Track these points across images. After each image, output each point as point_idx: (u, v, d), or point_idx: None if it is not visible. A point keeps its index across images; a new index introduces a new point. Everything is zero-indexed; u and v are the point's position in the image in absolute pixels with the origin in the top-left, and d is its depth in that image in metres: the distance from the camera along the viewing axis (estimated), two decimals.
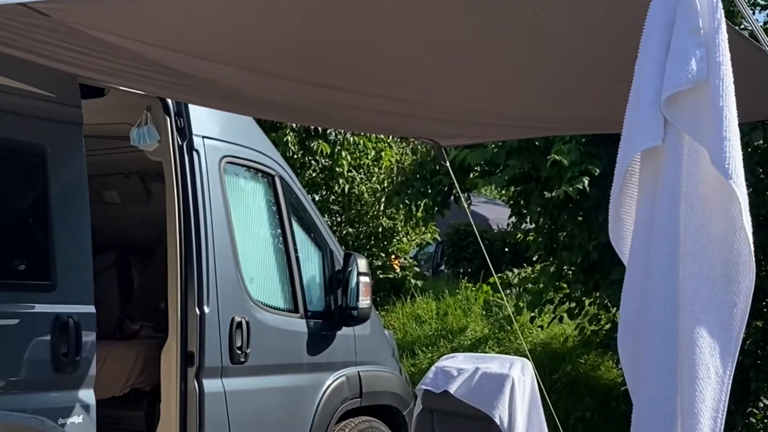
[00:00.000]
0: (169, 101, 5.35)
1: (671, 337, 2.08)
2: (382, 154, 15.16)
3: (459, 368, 5.22)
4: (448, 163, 5.39)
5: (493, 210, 21.13)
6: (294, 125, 13.91)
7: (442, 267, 19.85)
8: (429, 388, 5.24)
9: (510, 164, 8.87)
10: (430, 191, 10.60)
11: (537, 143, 8.70)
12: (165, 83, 3.97)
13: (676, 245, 2.09)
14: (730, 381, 2.12)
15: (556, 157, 8.05)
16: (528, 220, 10.19)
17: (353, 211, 15.24)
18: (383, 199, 14.80)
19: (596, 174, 8.48)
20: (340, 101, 3.96)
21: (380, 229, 15.56)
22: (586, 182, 8.34)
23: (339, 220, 15.42)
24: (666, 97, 2.10)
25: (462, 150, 9.44)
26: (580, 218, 9.37)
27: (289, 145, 13.47)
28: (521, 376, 5.10)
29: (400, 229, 15.78)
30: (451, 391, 5.12)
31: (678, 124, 2.10)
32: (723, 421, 2.11)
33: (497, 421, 4.96)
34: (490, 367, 5.18)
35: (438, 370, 5.29)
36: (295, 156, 13.70)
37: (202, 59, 3.46)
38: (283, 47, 3.42)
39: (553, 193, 9.01)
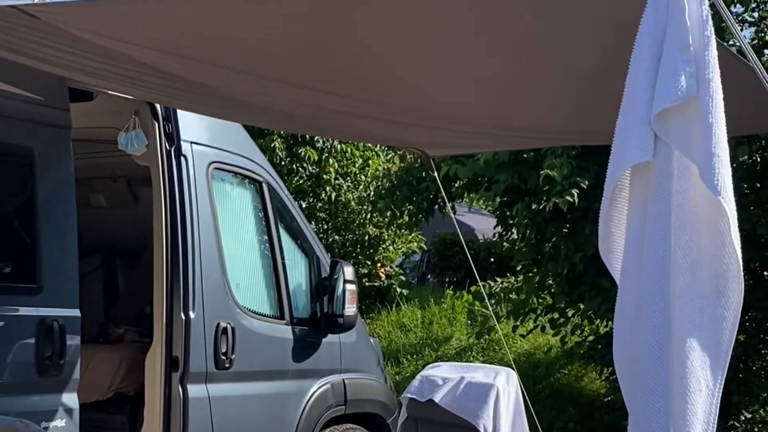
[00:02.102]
0: (158, 106, 5.34)
1: (663, 351, 2.10)
2: (370, 162, 15.16)
3: (444, 377, 5.23)
4: (436, 173, 5.39)
5: (478, 220, 21.19)
6: (281, 131, 13.91)
7: (428, 276, 19.87)
8: (414, 397, 5.24)
9: (500, 179, 8.90)
10: (415, 198, 10.62)
11: (526, 156, 8.74)
12: (157, 87, 3.97)
13: (667, 260, 2.11)
14: (720, 393, 2.14)
15: (549, 172, 8.08)
16: (515, 230, 10.22)
17: (340, 219, 15.23)
18: (370, 207, 14.80)
19: (585, 186, 8.51)
20: (330, 107, 3.96)
21: (366, 237, 15.56)
22: (576, 195, 8.36)
23: (325, 227, 15.40)
24: (656, 112, 2.11)
25: (452, 164, 9.48)
26: (565, 230, 9.41)
27: (277, 151, 13.45)
28: (506, 386, 5.11)
29: (386, 237, 15.78)
30: (436, 400, 5.13)
31: (668, 139, 2.12)
32: None
33: (481, 430, 4.98)
34: (475, 376, 5.20)
35: (423, 379, 5.29)
36: (283, 162, 13.68)
37: (195, 62, 3.47)
38: (274, 51, 3.43)
39: (541, 206, 9.05)
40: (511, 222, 10.08)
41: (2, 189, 4.65)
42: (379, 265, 15.86)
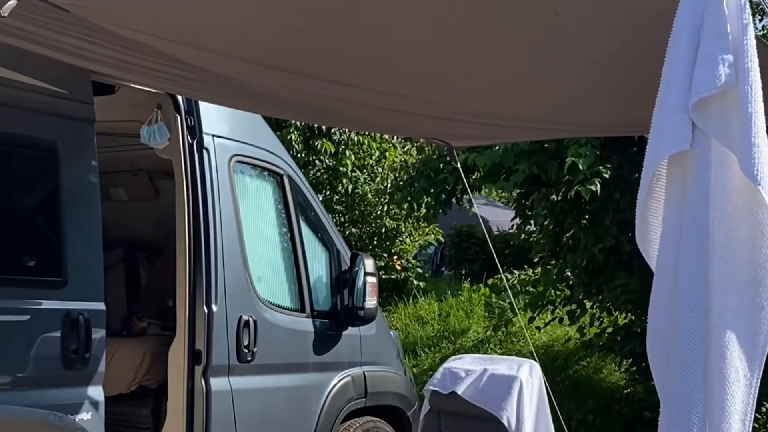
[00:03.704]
0: (180, 99, 5.34)
1: (700, 341, 2.08)
2: (386, 154, 15.12)
3: (467, 369, 5.21)
4: (459, 165, 5.38)
5: (493, 212, 21.16)
6: (299, 124, 13.88)
7: (443, 268, 19.86)
8: (437, 389, 5.22)
9: (519, 168, 8.87)
10: (433, 190, 10.61)
11: (546, 146, 8.71)
12: (181, 79, 3.96)
13: (705, 249, 2.09)
14: (758, 384, 2.12)
15: (575, 160, 8.04)
16: (532, 222, 10.19)
17: (356, 212, 15.20)
18: (387, 200, 14.77)
19: (606, 177, 8.48)
20: (354, 99, 3.95)
21: (383, 230, 15.53)
22: (598, 184, 8.33)
23: (342, 220, 15.38)
24: (694, 102, 2.09)
25: (470, 152, 9.46)
26: (584, 222, 9.38)
27: (293, 143, 13.43)
28: (529, 377, 5.09)
29: (403, 229, 15.75)
30: (459, 393, 5.11)
31: (706, 129, 2.10)
32: (751, 424, 2.12)
33: (505, 422, 4.95)
34: (498, 368, 5.18)
35: (446, 371, 5.27)
36: (299, 155, 13.66)
37: (220, 55, 3.46)
38: (299, 44, 3.42)
39: (560, 196, 9.02)
40: (529, 213, 10.04)
41: (27, 183, 4.66)
42: (395, 258, 15.84)
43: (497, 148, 9.03)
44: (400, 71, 3.55)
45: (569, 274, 10.17)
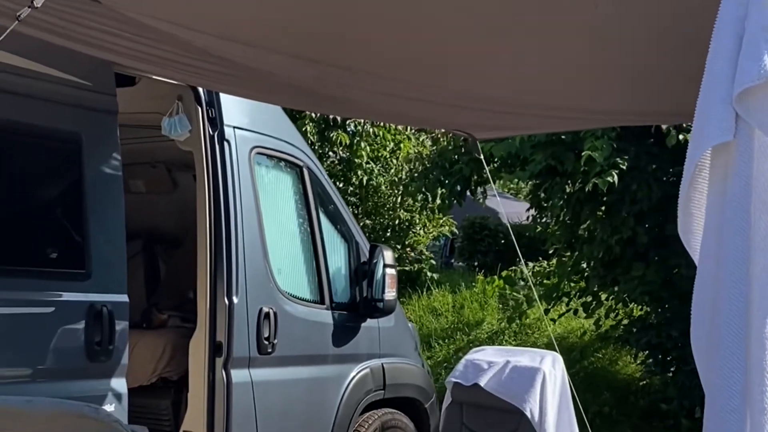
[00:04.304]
0: (201, 91, 5.33)
1: (741, 332, 2.07)
2: (401, 145, 15.09)
3: (489, 361, 5.20)
4: (482, 156, 5.36)
5: (503, 203, 21.08)
6: (313, 115, 13.86)
7: (452, 260, 19.83)
8: (459, 381, 5.21)
9: (536, 159, 8.85)
10: (447, 181, 10.59)
11: (563, 137, 8.68)
12: (205, 72, 3.95)
13: (747, 240, 2.07)
14: None
15: (591, 153, 8.01)
16: (549, 214, 10.17)
17: (370, 203, 15.18)
18: (401, 191, 14.74)
19: (623, 168, 8.45)
20: (379, 89, 3.92)
21: (397, 222, 15.51)
22: (615, 176, 8.31)
23: (356, 212, 15.37)
24: (738, 92, 2.07)
25: (486, 143, 9.44)
26: (600, 213, 9.35)
27: (308, 135, 13.41)
28: (552, 369, 5.08)
29: (417, 221, 15.73)
30: (482, 384, 5.10)
31: (749, 119, 2.08)
32: None
33: (528, 414, 4.94)
34: (521, 360, 5.16)
35: (468, 363, 5.26)
36: (314, 146, 13.64)
37: (248, 46, 3.44)
38: (324, 35, 3.40)
39: (576, 187, 9.00)
40: (545, 204, 10.02)
41: (51, 175, 4.67)
42: (408, 249, 15.82)
43: (514, 139, 9.01)
44: (428, 62, 3.52)
45: (584, 265, 10.14)
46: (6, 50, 3.30)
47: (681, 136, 8.32)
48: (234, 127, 5.52)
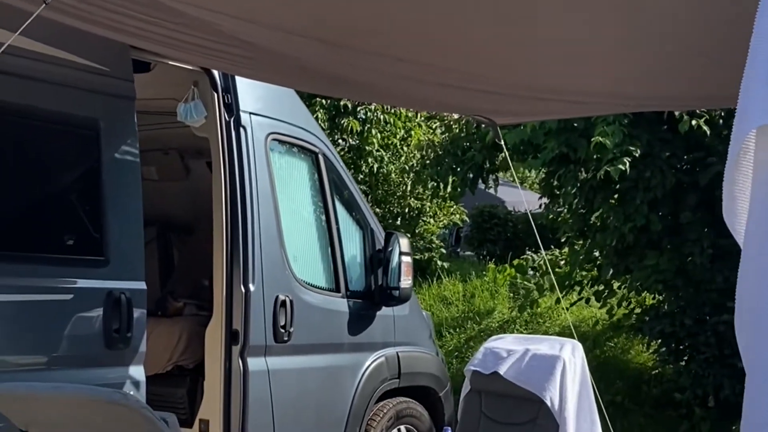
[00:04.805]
0: (217, 76, 5.29)
1: None
2: (412, 132, 15.01)
3: (509, 349, 5.16)
4: (503, 141, 5.30)
5: (509, 192, 21.00)
6: (324, 102, 13.80)
7: (458, 249, 19.76)
8: (478, 369, 5.17)
9: (549, 146, 8.78)
10: (459, 169, 10.53)
11: (576, 124, 8.61)
12: (226, 55, 3.89)
13: None
14: None
15: (600, 139, 7.95)
16: (561, 202, 10.10)
17: (380, 191, 15.12)
18: (411, 179, 14.67)
19: (636, 155, 8.38)
20: (402, 73, 3.86)
21: (407, 210, 15.45)
22: (627, 163, 8.24)
23: (366, 200, 15.28)
24: None
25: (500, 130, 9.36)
26: (613, 201, 9.29)
27: (319, 121, 13.37)
28: (572, 357, 5.04)
29: (427, 209, 15.66)
30: (501, 372, 5.05)
31: None
32: None
33: (548, 402, 4.90)
34: (541, 348, 5.12)
35: (487, 351, 5.22)
36: (325, 133, 13.54)
37: (271, 29, 3.39)
38: (347, 18, 3.35)
39: (589, 175, 8.93)
40: (558, 193, 9.95)
41: (68, 161, 4.63)
42: (418, 237, 15.76)
43: (525, 126, 8.94)
44: (448, 43, 3.46)
45: (597, 254, 10.08)
46: (24, 35, 3.25)
47: (693, 122, 8.26)
48: (250, 113, 5.48)
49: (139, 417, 3.00)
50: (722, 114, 8.63)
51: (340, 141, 14.44)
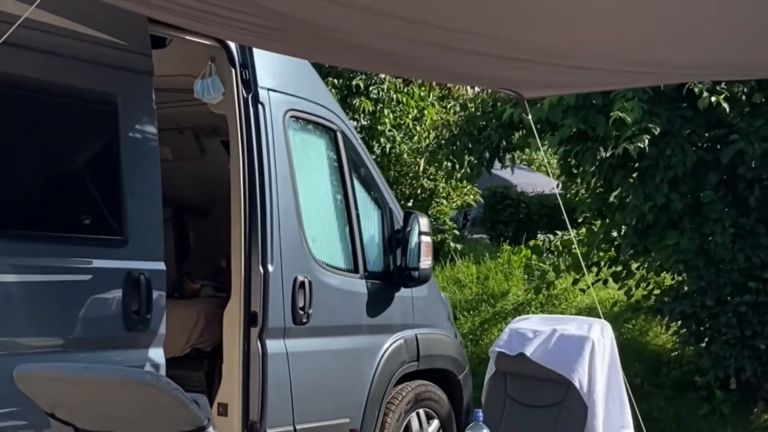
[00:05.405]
0: (235, 52, 5.16)
1: None
2: (425, 112, 14.84)
3: (535, 330, 5.01)
4: (530, 116, 5.15)
5: (519, 175, 20.82)
6: (336, 81, 13.64)
7: (466, 232, 19.60)
8: (503, 351, 5.02)
9: (567, 123, 8.63)
10: (475, 148, 10.39)
11: (594, 101, 8.46)
12: (250, 26, 3.73)
13: None
14: None
15: (620, 114, 7.79)
16: (579, 180, 9.95)
17: (393, 172, 14.95)
18: (423, 160, 14.51)
19: (656, 133, 8.23)
20: (443, 43, 3.69)
21: (420, 191, 15.29)
22: (647, 141, 8.10)
23: None
24: None
25: (512, 109, 9.24)
26: (632, 179, 9.15)
27: None
28: (601, 338, 4.90)
29: (441, 190, 15.50)
30: (528, 354, 4.91)
31: None
32: None
33: (576, 384, 4.76)
34: (568, 328, 4.98)
35: (512, 332, 5.07)
36: None
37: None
38: None
39: (608, 153, 8.79)
40: (575, 172, 9.80)
41: (86, 138, 4.51)
42: (431, 219, 15.59)
43: (542, 103, 8.79)
44: (492, 10, 3.31)
45: (615, 234, 9.94)
46: (40, 8, 3.12)
47: (713, 98, 8.10)
48: (268, 89, 5.35)
49: (168, 398, 2.89)
50: (744, 90, 8.48)
51: (352, 121, 14.27)
